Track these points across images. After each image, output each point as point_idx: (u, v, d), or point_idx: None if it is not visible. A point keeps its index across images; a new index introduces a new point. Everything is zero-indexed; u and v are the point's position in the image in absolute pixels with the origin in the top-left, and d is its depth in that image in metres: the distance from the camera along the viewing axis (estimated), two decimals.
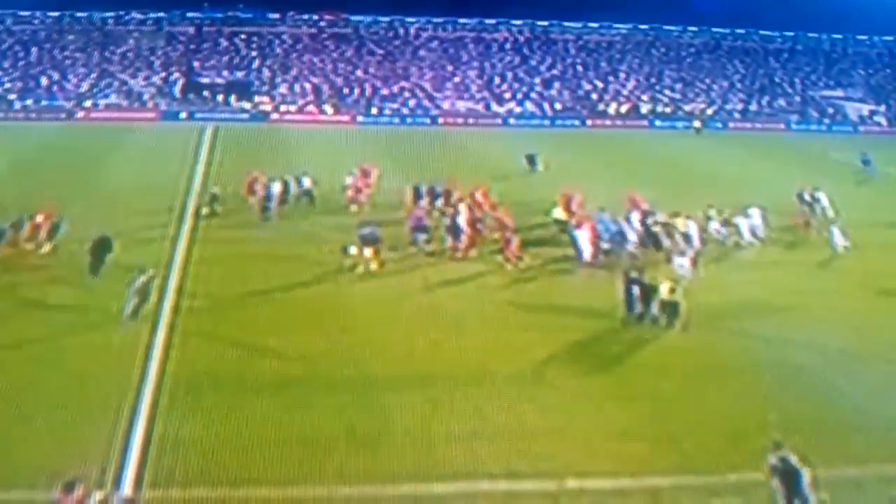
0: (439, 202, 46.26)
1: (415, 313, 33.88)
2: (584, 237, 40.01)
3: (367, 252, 37.65)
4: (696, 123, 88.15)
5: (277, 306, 34.11)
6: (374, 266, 37.54)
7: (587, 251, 39.66)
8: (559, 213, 43.72)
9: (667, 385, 27.77)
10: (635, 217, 42.35)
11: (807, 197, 47.96)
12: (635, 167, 64.02)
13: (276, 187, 47.98)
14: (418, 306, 34.71)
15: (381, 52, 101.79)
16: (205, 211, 46.53)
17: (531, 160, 59.85)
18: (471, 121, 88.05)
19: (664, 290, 32.21)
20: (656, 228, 41.57)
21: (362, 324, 32.53)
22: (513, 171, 58.64)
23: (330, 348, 30.03)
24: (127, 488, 21.60)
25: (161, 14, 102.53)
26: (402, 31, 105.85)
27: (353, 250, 37.87)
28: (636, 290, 32.78)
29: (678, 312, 31.73)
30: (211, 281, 36.67)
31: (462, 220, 40.93)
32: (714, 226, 42.65)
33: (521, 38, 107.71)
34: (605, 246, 40.65)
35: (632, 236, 40.74)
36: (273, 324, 32.17)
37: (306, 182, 49.25)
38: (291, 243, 41.72)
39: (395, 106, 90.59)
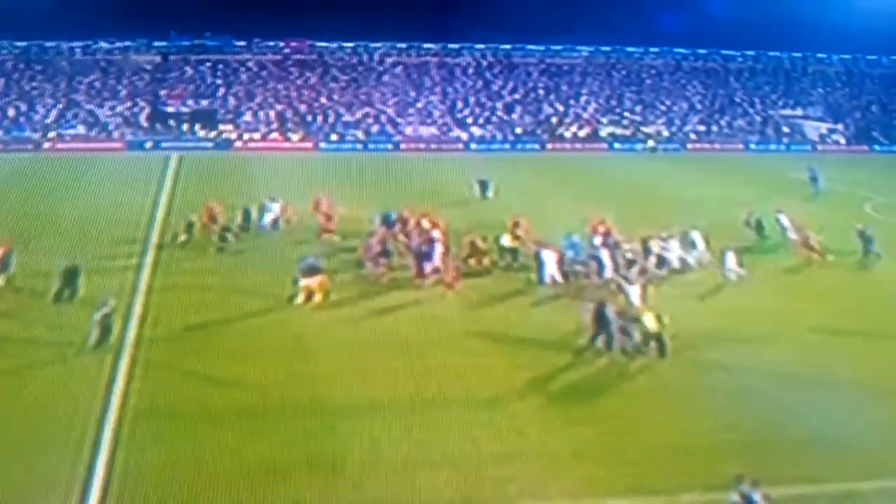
0: (396, 228, 46.48)
1: (371, 340, 34.46)
2: (550, 260, 40.68)
3: (312, 282, 37.92)
4: (651, 143, 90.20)
5: (237, 336, 34.64)
6: (317, 298, 38.01)
7: (550, 275, 40.39)
8: (507, 240, 44.00)
9: (622, 408, 28.47)
10: (598, 241, 42.85)
11: (752, 221, 48.63)
12: (591, 190, 65.06)
13: (270, 216, 49.85)
14: (375, 333, 35.26)
15: (345, 78, 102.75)
16: (182, 238, 46.87)
17: (483, 186, 60.38)
18: (433, 146, 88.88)
19: (650, 320, 32.68)
20: (629, 254, 42.08)
21: (320, 352, 33.08)
22: (467, 197, 59.47)
23: (288, 377, 30.53)
24: None
25: (128, 43, 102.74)
26: (366, 56, 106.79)
27: (303, 282, 38.54)
28: (611, 317, 32.86)
29: (664, 342, 32.40)
30: (173, 311, 37.12)
31: (437, 250, 41.43)
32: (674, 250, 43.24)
33: (484, 63, 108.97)
34: (567, 269, 41.32)
35: (607, 261, 41.15)
36: (232, 354, 32.67)
37: (275, 208, 50.27)
38: (251, 273, 42.27)
39: (358, 132, 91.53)
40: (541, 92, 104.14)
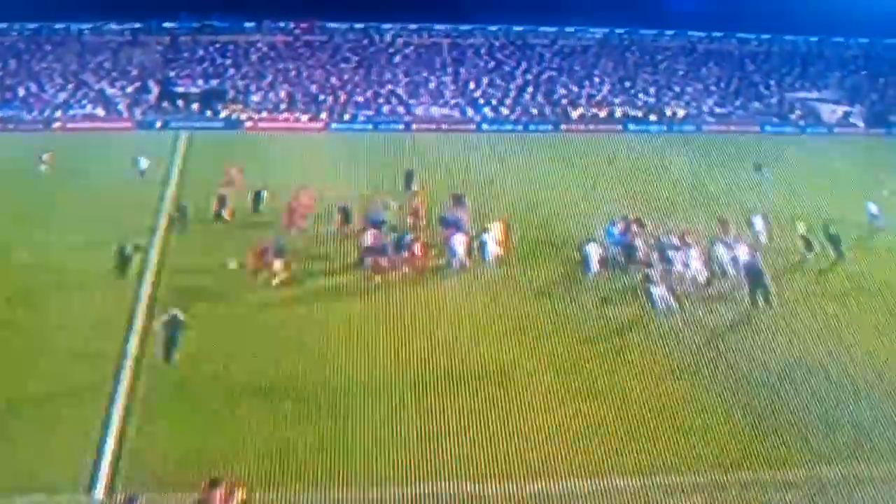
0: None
1: (377, 320, 34.44)
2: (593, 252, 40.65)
3: (278, 263, 39.27)
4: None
5: (247, 317, 34.87)
6: (283, 276, 39.03)
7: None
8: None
9: (634, 385, 28.28)
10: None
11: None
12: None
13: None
14: (381, 313, 35.27)
15: (356, 58, 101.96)
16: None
17: (408, 178, 57.40)
18: (444, 126, 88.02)
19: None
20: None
21: (327, 332, 33.15)
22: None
23: (297, 362, 30.65)
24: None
25: (137, 24, 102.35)
26: (377, 37, 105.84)
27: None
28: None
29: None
30: (182, 292, 37.24)
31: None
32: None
33: (497, 44, 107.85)
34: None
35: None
36: (242, 334, 32.91)
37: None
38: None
39: (370, 112, 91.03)
40: (554, 73, 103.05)
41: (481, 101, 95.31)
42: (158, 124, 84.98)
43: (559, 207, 50.53)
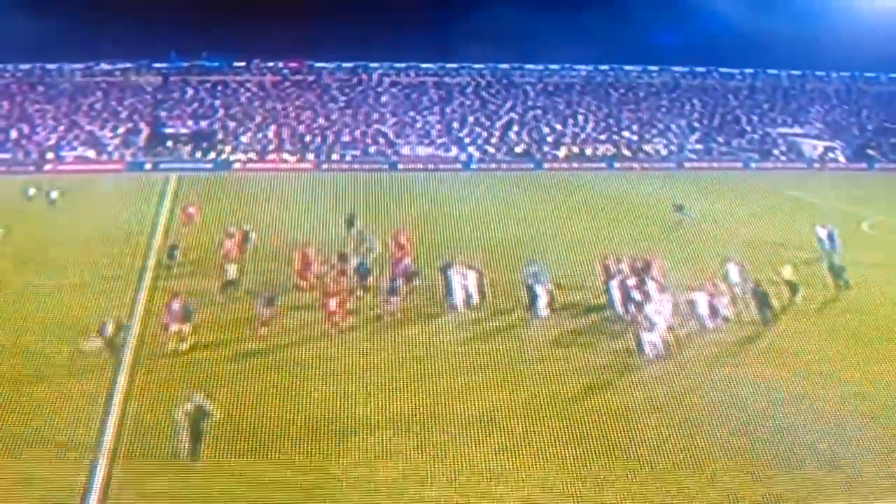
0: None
1: (371, 364, 34.73)
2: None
3: (175, 328, 35.40)
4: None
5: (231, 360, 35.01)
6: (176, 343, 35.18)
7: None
8: None
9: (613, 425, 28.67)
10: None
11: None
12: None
13: None
14: (375, 357, 35.52)
15: (343, 98, 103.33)
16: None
17: (350, 221, 53.86)
18: (430, 166, 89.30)
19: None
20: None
21: (315, 374, 33.47)
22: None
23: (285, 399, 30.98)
24: None
25: (128, 65, 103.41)
26: (364, 76, 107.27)
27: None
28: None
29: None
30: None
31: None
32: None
33: (483, 82, 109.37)
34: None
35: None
36: (226, 377, 33.06)
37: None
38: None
39: (356, 152, 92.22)
40: (539, 111, 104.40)
41: (467, 139, 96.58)
42: (148, 166, 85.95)
43: (538, 246, 50.67)
